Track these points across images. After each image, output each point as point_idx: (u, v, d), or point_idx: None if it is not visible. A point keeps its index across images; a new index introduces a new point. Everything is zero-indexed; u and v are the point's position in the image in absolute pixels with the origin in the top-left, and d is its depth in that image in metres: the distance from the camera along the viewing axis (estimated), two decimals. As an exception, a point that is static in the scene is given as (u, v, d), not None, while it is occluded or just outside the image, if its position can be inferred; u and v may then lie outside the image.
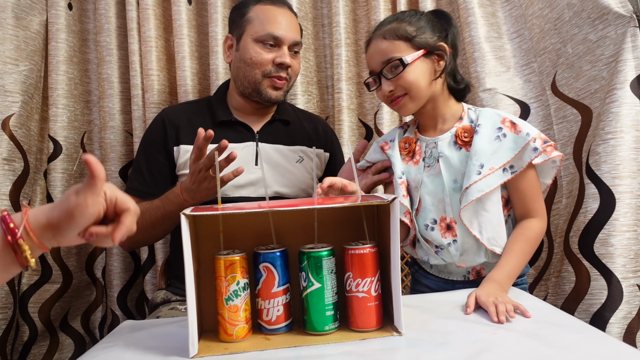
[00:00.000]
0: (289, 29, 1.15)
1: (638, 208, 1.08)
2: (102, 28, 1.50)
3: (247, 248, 0.72)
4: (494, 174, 0.90)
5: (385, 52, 0.95)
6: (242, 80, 1.17)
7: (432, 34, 0.96)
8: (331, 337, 0.69)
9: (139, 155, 1.22)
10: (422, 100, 0.97)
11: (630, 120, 1.06)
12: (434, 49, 0.95)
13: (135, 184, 1.18)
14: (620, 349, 0.61)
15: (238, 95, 1.21)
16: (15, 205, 1.28)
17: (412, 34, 0.94)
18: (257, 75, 1.14)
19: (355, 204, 0.70)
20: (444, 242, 0.97)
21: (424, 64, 0.95)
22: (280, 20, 1.15)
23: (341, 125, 1.49)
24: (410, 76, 0.93)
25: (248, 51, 1.14)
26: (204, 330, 0.74)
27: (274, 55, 1.14)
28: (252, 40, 1.14)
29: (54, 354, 1.46)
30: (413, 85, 0.94)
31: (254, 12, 1.16)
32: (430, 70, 0.96)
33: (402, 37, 0.94)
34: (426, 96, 0.97)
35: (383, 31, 0.97)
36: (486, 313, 0.76)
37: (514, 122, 0.92)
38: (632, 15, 1.07)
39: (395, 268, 0.68)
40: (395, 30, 0.95)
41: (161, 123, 1.20)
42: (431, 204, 0.98)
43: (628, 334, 1.06)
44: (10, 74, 1.32)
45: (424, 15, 0.99)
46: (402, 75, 0.93)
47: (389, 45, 0.95)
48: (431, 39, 0.96)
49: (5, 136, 1.28)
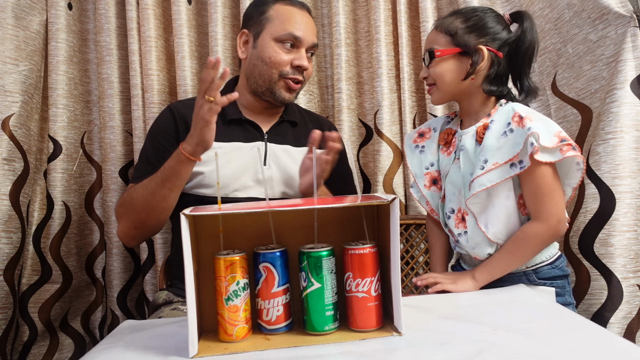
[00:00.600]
0: (308, 30, 1.15)
1: (638, 208, 1.08)
2: (102, 28, 1.50)
3: (247, 248, 0.72)
4: (498, 169, 0.90)
5: (430, 41, 1.01)
6: (256, 78, 1.16)
7: (480, 35, 0.96)
8: (331, 337, 0.69)
9: (147, 146, 1.17)
10: (448, 95, 1.01)
11: (630, 120, 1.06)
12: (470, 50, 0.96)
13: (143, 173, 1.12)
14: (621, 345, 0.61)
15: (248, 94, 1.19)
16: (15, 206, 1.28)
17: (456, 31, 0.97)
18: (273, 75, 1.13)
19: (355, 204, 0.70)
20: (456, 232, 0.99)
21: (454, 62, 0.98)
22: (301, 22, 1.14)
23: (341, 125, 1.49)
24: (437, 69, 0.98)
25: (267, 50, 1.13)
26: (204, 330, 0.74)
27: (293, 57, 1.13)
28: (272, 39, 1.13)
29: (53, 354, 1.46)
30: (439, 78, 0.99)
31: (274, 10, 1.15)
32: (460, 69, 0.97)
33: (447, 32, 0.98)
34: (453, 91, 1.00)
35: (440, 22, 1.01)
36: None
37: (522, 117, 0.91)
38: (632, 15, 1.07)
39: (395, 268, 0.68)
40: (445, 24, 0.99)
41: (171, 116, 1.17)
42: (452, 194, 1.00)
43: (628, 334, 1.07)
44: (10, 74, 1.32)
45: (486, 14, 0.98)
46: (431, 66, 0.99)
47: (435, 36, 1.00)
48: (474, 40, 0.96)
49: (5, 136, 1.28)
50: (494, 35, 0.96)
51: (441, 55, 0.97)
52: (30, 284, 1.41)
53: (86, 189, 1.54)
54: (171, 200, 1.05)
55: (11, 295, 1.29)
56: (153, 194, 1.02)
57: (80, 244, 1.53)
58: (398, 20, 1.46)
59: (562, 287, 0.97)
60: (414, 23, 1.49)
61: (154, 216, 1.06)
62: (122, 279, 1.51)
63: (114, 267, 1.50)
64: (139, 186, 1.06)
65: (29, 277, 1.40)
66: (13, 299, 1.30)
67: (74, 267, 1.49)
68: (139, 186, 1.06)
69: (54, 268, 1.44)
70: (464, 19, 0.98)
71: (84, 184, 1.54)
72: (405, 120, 1.45)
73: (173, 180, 1.01)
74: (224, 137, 1.13)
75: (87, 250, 1.55)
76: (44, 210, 1.45)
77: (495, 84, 0.98)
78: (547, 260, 0.97)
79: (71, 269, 1.48)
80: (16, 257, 1.30)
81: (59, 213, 1.46)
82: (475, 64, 0.95)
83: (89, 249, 1.55)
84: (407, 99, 1.45)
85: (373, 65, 1.48)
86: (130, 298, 1.55)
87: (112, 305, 1.51)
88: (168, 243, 1.45)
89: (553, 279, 0.96)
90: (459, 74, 0.97)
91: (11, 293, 1.29)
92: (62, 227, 1.46)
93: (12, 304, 1.29)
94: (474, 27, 0.96)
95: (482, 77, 0.98)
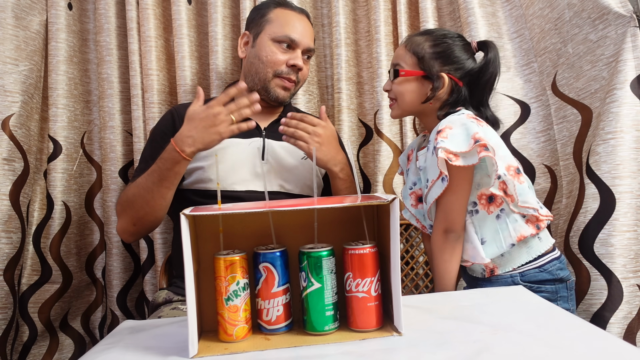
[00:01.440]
0: (305, 34, 1.21)
1: (638, 208, 1.08)
2: (102, 28, 1.50)
3: (247, 248, 0.72)
4: (435, 184, 0.94)
5: (397, 57, 1.05)
6: (253, 76, 1.21)
7: (444, 62, 1.00)
8: (331, 337, 0.69)
9: (147, 147, 1.22)
10: (407, 112, 1.07)
11: (630, 120, 1.06)
12: (432, 76, 1.00)
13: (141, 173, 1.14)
14: (620, 347, 0.61)
15: (247, 92, 1.22)
16: (15, 206, 1.28)
17: (423, 55, 1.01)
18: (268, 74, 1.19)
19: (355, 204, 0.70)
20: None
21: (416, 84, 1.02)
22: (298, 26, 1.20)
23: (341, 125, 1.49)
24: (399, 87, 1.04)
25: (264, 49, 1.19)
26: (204, 331, 0.74)
27: (288, 57, 1.19)
28: (270, 39, 1.19)
29: (53, 354, 1.46)
30: (400, 96, 1.04)
31: (275, 14, 1.21)
32: (421, 91, 1.02)
33: (415, 53, 1.02)
34: (412, 110, 1.06)
35: (410, 40, 1.05)
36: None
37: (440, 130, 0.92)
38: (632, 15, 1.07)
39: (395, 268, 0.68)
40: (415, 44, 1.03)
41: (170, 117, 1.21)
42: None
43: (628, 334, 1.07)
44: (10, 74, 1.32)
45: (454, 41, 1.01)
46: (395, 83, 1.04)
47: (403, 54, 1.04)
48: (438, 66, 0.99)
49: (5, 136, 1.28)
50: (458, 64, 1.00)
51: (405, 75, 1.02)
52: (30, 284, 1.40)
53: (86, 189, 1.54)
54: (169, 197, 1.09)
55: (11, 295, 1.29)
56: (150, 192, 1.05)
57: (80, 244, 1.53)
58: (398, 20, 1.46)
59: (552, 292, 0.96)
60: (414, 23, 1.49)
61: (152, 213, 1.09)
62: (122, 279, 1.51)
63: (113, 267, 1.50)
64: (134, 184, 1.09)
65: (29, 277, 1.40)
66: (13, 299, 1.30)
67: (74, 267, 1.49)
68: (135, 184, 1.09)
69: (54, 268, 1.44)
70: (433, 43, 1.01)
71: (84, 184, 1.54)
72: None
73: (171, 179, 1.05)
74: None
75: (87, 250, 1.55)
76: (44, 210, 1.45)
77: (449, 109, 1.00)
78: (532, 260, 0.96)
79: (71, 269, 1.48)
80: (16, 257, 1.30)
81: (59, 213, 1.46)
82: (436, 90, 0.99)
83: (89, 249, 1.55)
84: (407, 99, 1.45)
85: (373, 65, 1.48)
86: (130, 298, 1.55)
87: (112, 305, 1.51)
88: (168, 243, 1.46)
89: (540, 282, 0.96)
90: (419, 96, 1.02)
91: (11, 293, 1.29)
92: (62, 227, 1.46)
93: (12, 304, 1.29)
94: (441, 54, 1.00)
95: (441, 102, 1.01)
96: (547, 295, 0.95)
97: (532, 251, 0.97)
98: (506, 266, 0.97)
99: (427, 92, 1.01)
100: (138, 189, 1.07)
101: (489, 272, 1.00)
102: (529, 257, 0.97)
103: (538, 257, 0.97)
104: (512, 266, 0.97)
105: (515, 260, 0.97)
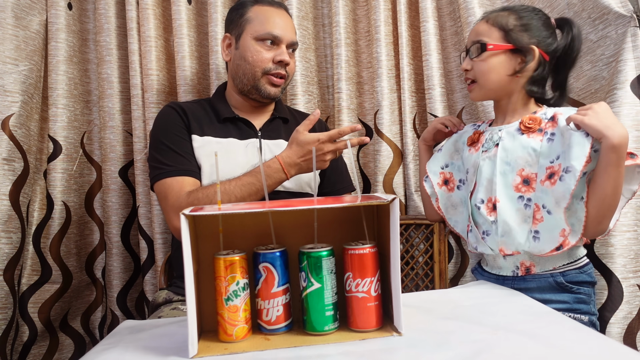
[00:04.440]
0: (287, 29, 1.20)
1: (638, 208, 1.08)
2: (101, 28, 1.50)
3: (246, 248, 0.72)
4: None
5: (479, 33, 1.00)
6: (241, 77, 1.20)
7: (532, 35, 0.96)
8: (331, 337, 0.69)
9: (162, 141, 1.14)
10: (491, 92, 1.01)
11: (630, 120, 1.06)
12: (522, 48, 0.96)
13: (177, 162, 1.11)
14: (619, 351, 0.61)
15: (237, 94, 1.24)
16: (15, 206, 1.28)
17: (510, 27, 0.97)
18: (257, 73, 1.18)
19: (355, 204, 0.70)
20: (488, 221, 0.98)
21: (504, 58, 0.98)
22: (278, 21, 1.19)
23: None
24: (485, 63, 0.98)
25: (248, 49, 1.18)
26: (204, 331, 0.74)
27: (274, 54, 1.18)
28: (252, 38, 1.18)
29: (53, 354, 1.46)
30: (484, 75, 0.98)
31: (253, 12, 1.20)
32: (509, 66, 0.98)
33: (499, 27, 0.98)
34: (496, 88, 1.00)
35: (490, 15, 1.00)
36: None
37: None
38: (632, 15, 1.07)
39: (395, 268, 0.68)
40: (499, 18, 0.98)
41: (175, 111, 1.19)
42: (482, 185, 1.00)
43: (628, 334, 1.06)
44: (10, 74, 1.32)
45: (537, 15, 0.99)
46: (480, 59, 0.98)
47: (485, 29, 0.99)
48: (527, 39, 0.96)
49: (5, 136, 1.28)
50: (544, 38, 0.97)
51: (494, 49, 0.97)
52: (30, 284, 1.40)
53: (86, 189, 1.54)
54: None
55: (11, 295, 1.29)
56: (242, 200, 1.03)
57: (80, 244, 1.53)
58: (398, 20, 1.46)
59: (588, 294, 0.95)
60: (414, 23, 1.49)
61: None
62: (122, 279, 1.51)
63: (113, 267, 1.50)
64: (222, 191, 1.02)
65: (28, 277, 1.40)
66: (13, 299, 1.30)
67: (74, 267, 1.49)
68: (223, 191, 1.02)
69: (53, 268, 1.44)
70: (518, 16, 0.98)
71: (84, 184, 1.54)
72: (405, 120, 1.45)
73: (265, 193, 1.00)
74: (221, 134, 1.18)
75: (87, 250, 1.55)
76: (44, 210, 1.45)
77: (537, 85, 0.98)
78: (574, 261, 0.95)
79: (71, 269, 1.48)
80: (16, 257, 1.30)
81: (59, 213, 1.46)
82: (526, 63, 0.96)
83: (89, 249, 1.55)
84: (407, 99, 1.45)
85: (373, 65, 1.48)
86: (130, 298, 1.55)
87: (112, 305, 1.51)
88: (168, 243, 1.45)
89: (580, 284, 0.95)
90: (506, 71, 0.98)
91: (11, 293, 1.29)
92: (62, 227, 1.46)
93: (12, 304, 1.29)
94: (527, 27, 0.97)
95: (527, 78, 0.98)
96: (584, 297, 0.94)
97: (572, 252, 0.95)
98: (545, 265, 0.95)
99: (514, 67, 0.97)
100: (229, 196, 1.02)
101: (524, 271, 0.97)
102: (570, 258, 0.95)
103: (578, 259, 0.96)
104: (553, 265, 0.94)
105: (556, 259, 0.94)
